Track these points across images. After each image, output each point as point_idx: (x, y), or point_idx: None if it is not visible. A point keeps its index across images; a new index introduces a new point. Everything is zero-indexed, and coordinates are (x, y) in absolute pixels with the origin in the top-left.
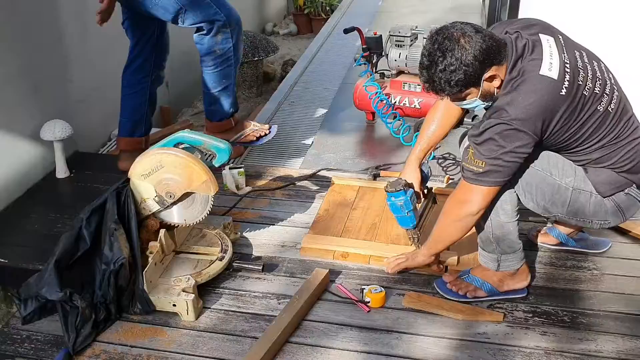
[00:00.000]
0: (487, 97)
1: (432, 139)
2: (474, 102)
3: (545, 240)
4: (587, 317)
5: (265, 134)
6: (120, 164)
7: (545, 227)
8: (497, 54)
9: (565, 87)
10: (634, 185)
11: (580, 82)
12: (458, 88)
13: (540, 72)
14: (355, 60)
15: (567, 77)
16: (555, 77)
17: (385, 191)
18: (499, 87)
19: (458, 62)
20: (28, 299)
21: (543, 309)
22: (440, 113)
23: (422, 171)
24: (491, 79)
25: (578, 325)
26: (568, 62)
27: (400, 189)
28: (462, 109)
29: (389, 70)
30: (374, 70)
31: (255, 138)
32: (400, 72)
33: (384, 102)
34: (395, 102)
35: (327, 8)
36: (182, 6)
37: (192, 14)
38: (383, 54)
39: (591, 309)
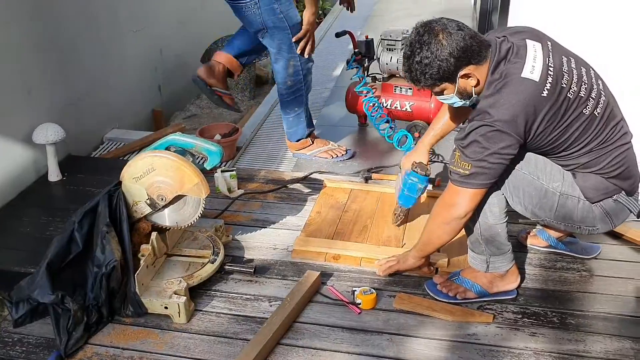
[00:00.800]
0: (463, 95)
1: (443, 129)
2: (452, 98)
3: (535, 242)
4: (575, 317)
5: (342, 154)
6: (200, 71)
7: (535, 229)
8: (476, 53)
9: (547, 88)
10: (623, 191)
11: (564, 85)
12: (432, 81)
13: (522, 75)
14: (347, 64)
15: (550, 79)
16: (537, 79)
17: (413, 170)
18: (476, 86)
19: (433, 56)
20: (20, 302)
21: (532, 310)
22: (453, 108)
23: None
24: (466, 77)
25: (567, 326)
26: (552, 65)
27: (425, 174)
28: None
29: (381, 74)
30: (366, 74)
31: (329, 157)
32: (391, 76)
33: (376, 105)
34: (386, 106)
35: (320, 12)
36: (264, 27)
37: (270, 37)
38: (375, 57)
39: (580, 309)
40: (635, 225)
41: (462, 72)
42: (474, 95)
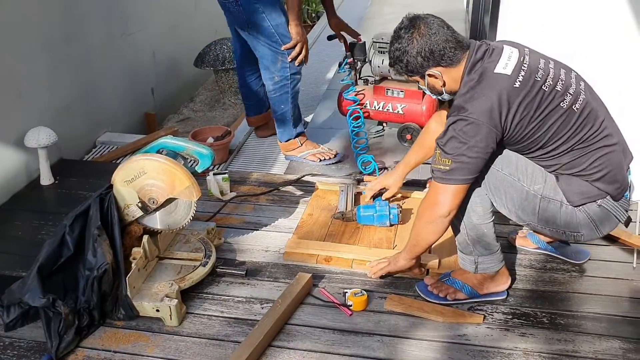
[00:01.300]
0: (433, 90)
1: (418, 159)
2: (425, 89)
3: (524, 243)
4: (565, 318)
5: (330, 158)
6: (259, 133)
7: (525, 229)
8: (448, 57)
9: (519, 80)
10: (608, 196)
11: (538, 79)
12: (402, 70)
13: (495, 71)
14: (339, 66)
15: (522, 73)
16: (509, 73)
17: (397, 212)
18: (443, 86)
19: (403, 50)
20: (11, 306)
21: (522, 311)
22: (431, 136)
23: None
24: (433, 77)
25: (556, 327)
26: (526, 63)
27: (398, 220)
28: None
29: (373, 77)
30: (358, 77)
31: (317, 160)
32: (383, 78)
33: (360, 120)
34: (378, 108)
35: (313, 15)
36: (248, 23)
37: (255, 33)
38: (366, 60)
39: (569, 310)
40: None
41: (428, 72)
42: (444, 93)
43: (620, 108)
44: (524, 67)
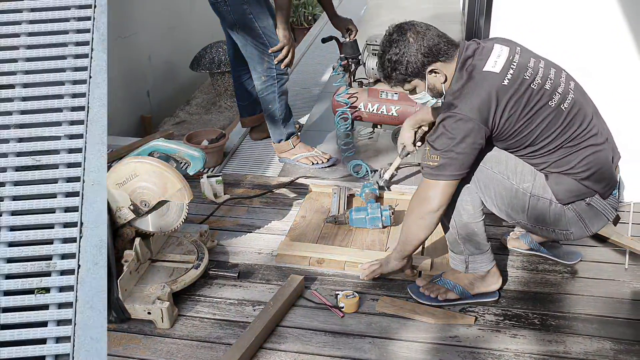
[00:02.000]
0: (434, 92)
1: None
2: (424, 96)
3: (517, 245)
4: (556, 319)
5: (323, 162)
6: (252, 136)
7: (517, 231)
8: (444, 52)
9: (507, 78)
10: (597, 195)
11: (527, 77)
12: (402, 76)
13: (484, 69)
14: (333, 69)
15: (511, 71)
16: (498, 71)
17: (389, 213)
18: (444, 83)
19: (401, 52)
20: None
21: (514, 312)
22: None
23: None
24: (435, 73)
25: (548, 328)
26: (515, 62)
27: (390, 223)
28: None
29: (367, 79)
30: (353, 79)
31: (310, 163)
32: (377, 81)
33: (347, 122)
34: (373, 110)
35: (310, 17)
36: (236, 24)
37: (242, 32)
38: (361, 62)
39: (561, 311)
40: (619, 228)
41: (429, 68)
42: (444, 93)
43: (609, 107)
44: (513, 65)
